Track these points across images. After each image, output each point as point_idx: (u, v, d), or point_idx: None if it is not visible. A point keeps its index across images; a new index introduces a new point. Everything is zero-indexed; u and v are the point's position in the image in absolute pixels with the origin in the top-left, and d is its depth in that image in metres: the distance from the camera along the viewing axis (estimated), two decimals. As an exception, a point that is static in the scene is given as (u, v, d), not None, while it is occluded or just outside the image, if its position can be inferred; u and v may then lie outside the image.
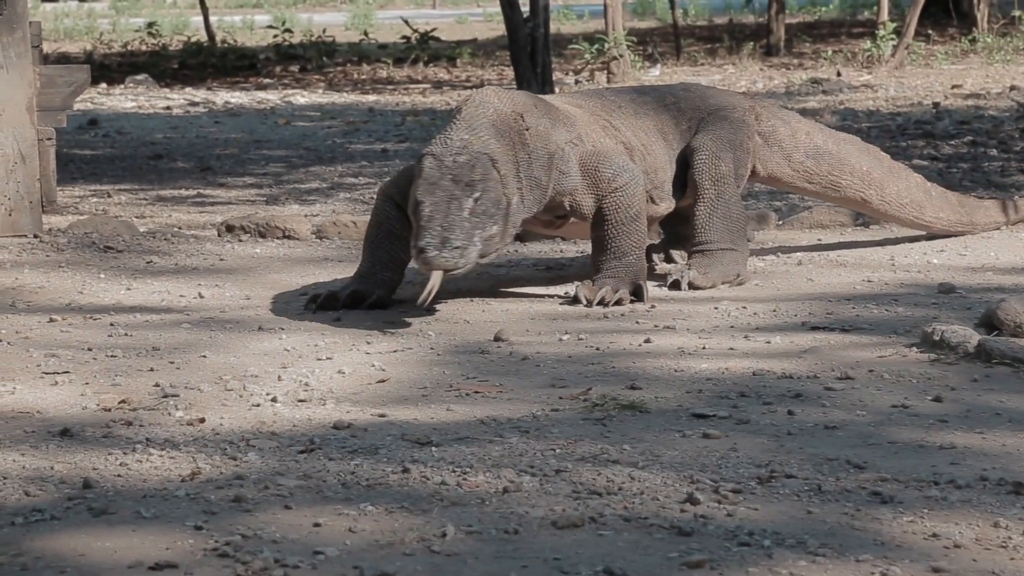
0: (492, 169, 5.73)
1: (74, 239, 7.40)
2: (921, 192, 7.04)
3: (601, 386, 4.80)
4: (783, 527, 3.53)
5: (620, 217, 6.04)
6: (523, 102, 6.06)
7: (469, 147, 5.73)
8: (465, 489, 3.81)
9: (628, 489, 3.80)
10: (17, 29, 7.40)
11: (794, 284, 6.42)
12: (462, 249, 5.53)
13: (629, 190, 6.04)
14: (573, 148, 6.07)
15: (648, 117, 6.55)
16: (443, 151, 5.73)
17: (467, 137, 5.77)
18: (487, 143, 5.77)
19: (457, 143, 5.75)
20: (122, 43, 23.66)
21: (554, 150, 6.01)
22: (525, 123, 5.94)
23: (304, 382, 4.89)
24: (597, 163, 6.06)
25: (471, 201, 5.62)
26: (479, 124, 5.82)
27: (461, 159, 5.69)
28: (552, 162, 5.99)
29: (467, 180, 5.65)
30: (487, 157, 5.73)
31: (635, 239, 6.06)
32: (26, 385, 4.89)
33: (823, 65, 17.68)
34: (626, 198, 6.04)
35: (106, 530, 3.53)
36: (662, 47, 20.40)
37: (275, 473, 3.94)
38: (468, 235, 5.57)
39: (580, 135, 6.15)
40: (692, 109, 6.65)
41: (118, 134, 12.94)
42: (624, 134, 6.38)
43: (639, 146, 6.40)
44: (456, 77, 18.43)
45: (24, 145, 7.44)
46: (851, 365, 5.02)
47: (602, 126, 6.34)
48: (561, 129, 6.08)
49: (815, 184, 6.85)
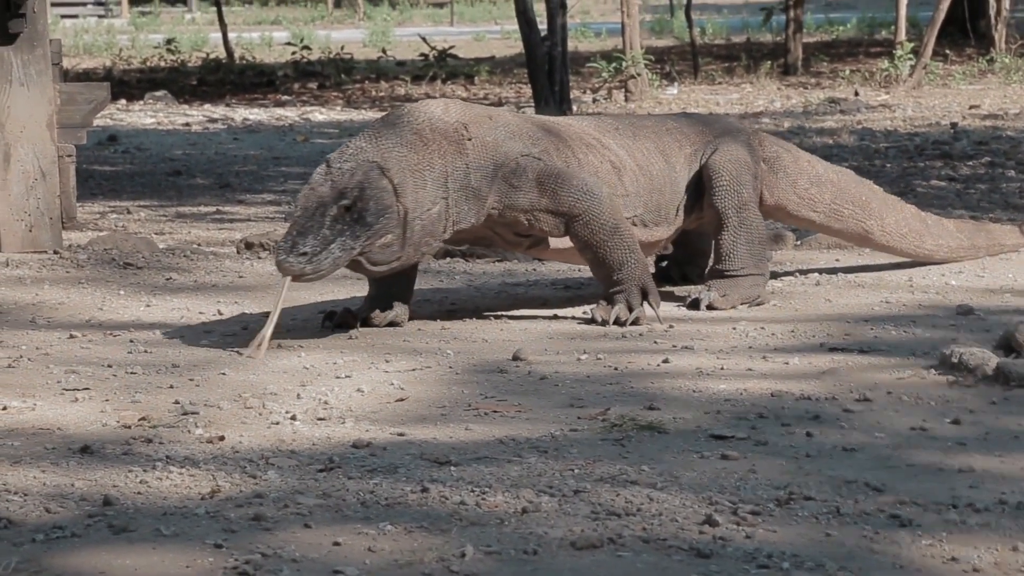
0: (381, 178, 5.65)
1: (94, 255, 7.43)
2: (918, 221, 6.99)
3: (619, 406, 4.80)
4: (802, 550, 3.53)
5: (599, 237, 5.97)
6: (474, 114, 6.00)
7: (359, 155, 5.69)
8: (484, 509, 3.82)
9: (647, 510, 3.81)
10: (38, 47, 7.44)
11: (812, 305, 6.42)
12: (311, 256, 5.50)
13: (594, 210, 5.94)
14: (531, 162, 5.96)
15: (648, 139, 6.48)
16: (335, 158, 5.72)
17: (364, 145, 5.73)
18: (387, 151, 5.71)
19: (351, 150, 5.72)
20: (141, 59, 23.73)
21: (502, 161, 5.92)
22: (468, 133, 5.89)
23: (323, 400, 4.91)
24: (556, 186, 5.93)
25: (336, 208, 5.56)
26: (388, 133, 5.78)
27: (346, 166, 5.65)
28: (497, 173, 5.91)
29: (342, 187, 5.60)
30: (374, 165, 5.66)
31: (623, 247, 5.98)
32: (47, 401, 4.91)
33: (841, 84, 17.69)
34: (596, 218, 5.94)
35: (126, 548, 3.55)
36: (679, 65, 20.41)
37: (295, 491, 3.95)
38: (323, 242, 5.52)
39: (546, 150, 6.05)
40: (696, 133, 6.58)
41: (137, 150, 12.98)
42: (615, 153, 6.31)
43: (632, 166, 6.32)
44: (474, 95, 18.46)
45: (44, 162, 7.47)
46: (869, 387, 5.02)
47: (588, 143, 6.26)
48: (518, 142, 5.99)
49: (818, 213, 6.73)
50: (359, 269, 5.81)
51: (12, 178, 7.45)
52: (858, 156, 11.71)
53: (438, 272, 7.18)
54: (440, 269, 7.25)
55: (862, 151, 12.02)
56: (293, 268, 5.51)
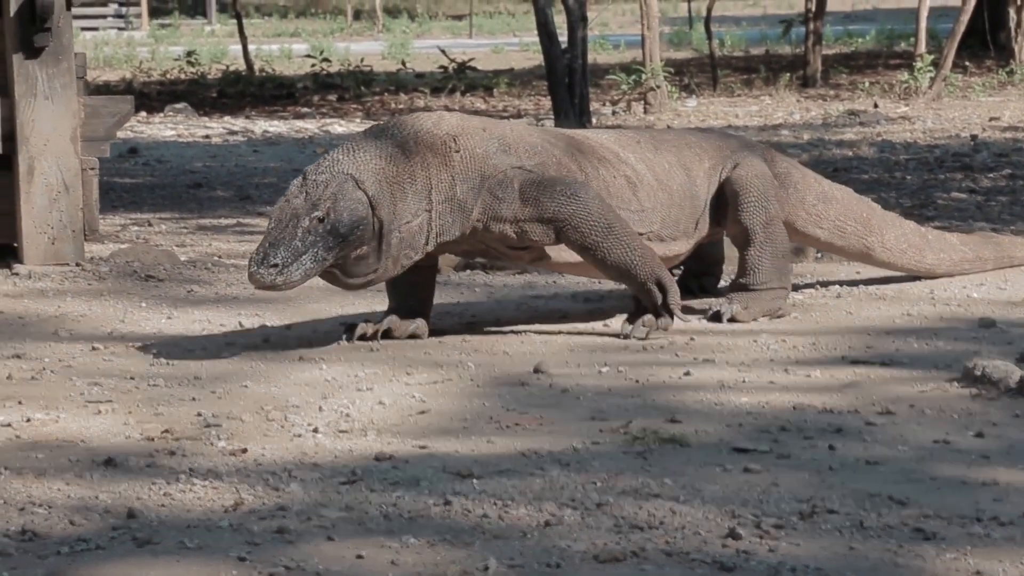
0: (354, 190, 5.61)
1: (116, 268, 7.46)
2: (917, 236, 6.95)
3: (641, 419, 4.80)
4: (826, 563, 3.53)
5: (592, 239, 5.87)
6: (467, 126, 5.93)
7: (335, 166, 5.65)
8: (507, 522, 3.82)
9: (670, 523, 3.81)
10: (62, 60, 7.47)
11: (833, 317, 6.41)
12: (281, 267, 5.47)
13: (581, 212, 5.83)
14: (517, 173, 5.90)
15: (669, 152, 6.43)
16: (312, 169, 5.71)
17: (341, 157, 5.70)
18: (364, 164, 5.67)
19: (327, 162, 5.70)
20: (161, 72, 23.79)
21: (490, 173, 5.87)
22: (456, 145, 5.85)
23: (345, 413, 4.91)
24: (538, 193, 5.85)
25: (308, 220, 5.52)
26: (369, 144, 5.76)
27: (320, 178, 5.62)
28: (483, 185, 5.86)
29: (315, 199, 5.57)
30: (349, 177, 5.63)
31: (622, 245, 5.88)
32: (70, 414, 4.93)
33: (860, 97, 17.66)
34: (584, 220, 5.84)
35: (150, 560, 3.56)
36: (699, 78, 20.41)
37: (317, 504, 3.96)
38: (294, 254, 5.49)
39: (543, 164, 5.97)
40: (715, 148, 6.54)
41: (158, 163, 13.01)
42: (633, 167, 6.25)
43: (651, 181, 6.26)
44: (493, 107, 18.47)
45: (68, 175, 7.50)
46: (892, 400, 5.01)
47: (601, 157, 6.20)
48: (511, 155, 5.93)
49: (824, 230, 6.69)
50: (335, 281, 5.80)
51: (35, 191, 7.47)
52: (878, 168, 11.70)
53: (459, 285, 7.19)
54: (461, 282, 7.26)
55: (882, 163, 12.01)
56: (264, 279, 5.50)
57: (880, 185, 10.82)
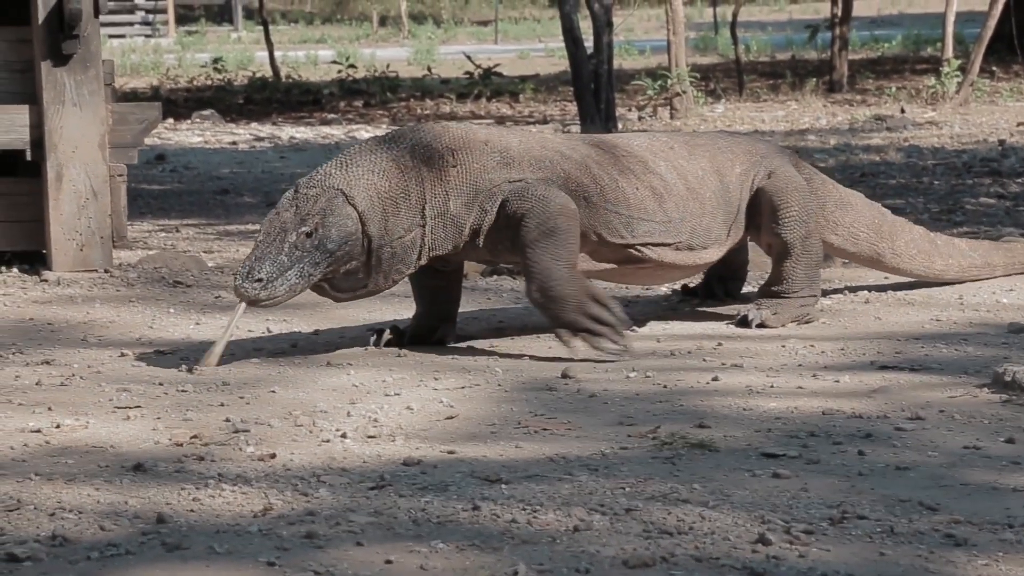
0: (344, 205, 5.58)
1: (144, 274, 7.48)
2: (926, 242, 6.91)
3: (669, 424, 4.80)
4: (856, 569, 3.52)
5: (531, 236, 5.70)
6: (469, 140, 5.83)
7: (327, 180, 5.62)
8: (535, 527, 3.82)
9: (699, 529, 3.80)
10: (90, 67, 7.50)
11: (862, 323, 6.39)
12: (266, 282, 5.47)
13: (536, 209, 5.70)
14: (508, 187, 5.77)
15: (703, 158, 6.33)
16: (304, 182, 5.66)
17: (333, 171, 5.65)
18: (355, 179, 5.63)
19: (319, 176, 5.66)
20: (188, 78, 23.88)
21: (485, 188, 5.78)
22: (454, 160, 5.77)
23: (373, 418, 4.92)
24: (512, 197, 5.74)
25: (296, 235, 5.50)
26: (362, 159, 5.70)
27: (311, 192, 5.59)
28: (476, 200, 5.78)
29: (304, 213, 5.54)
30: (338, 192, 5.58)
31: (557, 253, 5.68)
32: (99, 419, 4.94)
33: (887, 102, 17.62)
34: (535, 216, 5.69)
35: (180, 565, 3.56)
36: (724, 83, 20.39)
37: (346, 509, 3.96)
38: (280, 268, 5.48)
39: (546, 178, 5.84)
40: (745, 152, 6.46)
41: (185, 169, 13.05)
42: (661, 177, 6.12)
43: (681, 191, 6.14)
44: (519, 112, 18.48)
45: (96, 181, 7.52)
46: (921, 405, 4.99)
47: (625, 168, 6.07)
48: (512, 170, 5.81)
49: (838, 236, 6.65)
50: (324, 294, 5.78)
51: (64, 198, 7.50)
52: (906, 173, 11.67)
53: (486, 290, 7.19)
54: (488, 287, 7.26)
55: (909, 168, 11.97)
56: (248, 294, 5.49)
57: (908, 190, 10.79)
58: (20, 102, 7.56)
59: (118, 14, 37.96)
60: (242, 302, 5.56)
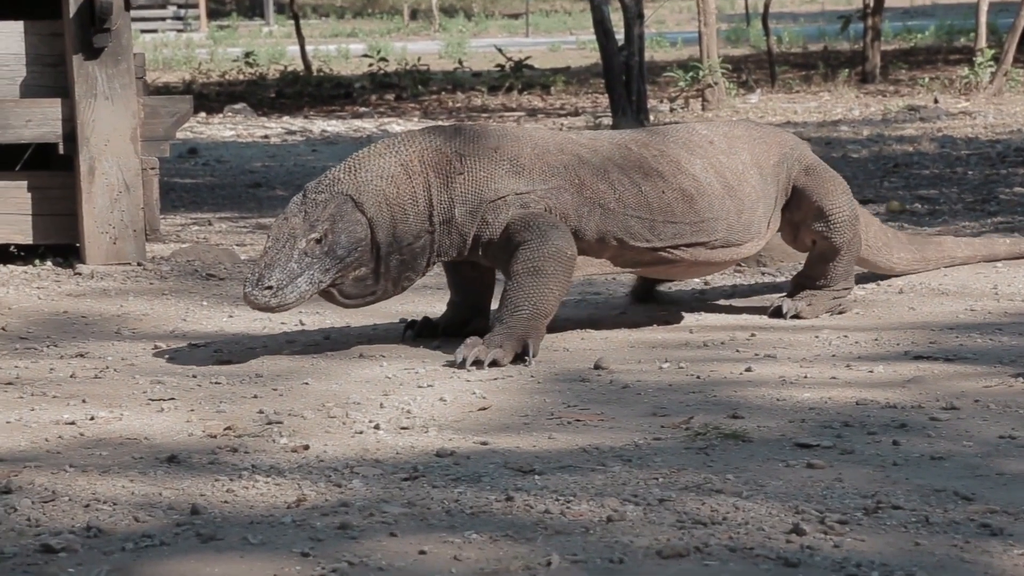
0: (353, 211, 5.54)
1: (177, 267, 7.50)
2: (887, 234, 6.88)
3: (703, 415, 4.78)
4: (891, 559, 3.50)
5: (517, 269, 5.62)
6: (479, 145, 5.75)
7: (335, 186, 5.57)
8: (569, 518, 3.81)
9: (733, 519, 3.79)
10: (122, 61, 7.52)
11: (896, 313, 6.37)
12: (276, 289, 5.42)
13: (531, 245, 5.61)
14: (516, 203, 5.70)
15: (743, 151, 6.23)
16: (313, 187, 5.62)
17: (341, 176, 5.61)
18: (364, 184, 5.58)
19: (327, 181, 5.61)
20: (220, 73, 23.93)
21: (490, 198, 5.70)
22: (461, 167, 5.70)
23: (406, 409, 4.92)
24: (519, 222, 5.66)
25: (305, 241, 5.46)
26: (371, 164, 5.64)
27: (320, 197, 5.55)
28: (480, 208, 5.70)
29: (313, 219, 5.50)
30: (347, 198, 5.55)
31: (529, 294, 5.60)
32: (133, 412, 4.96)
33: (920, 92, 17.55)
34: (526, 252, 5.61)
35: (214, 556, 3.57)
36: (756, 74, 20.33)
37: (380, 500, 3.96)
38: (290, 275, 5.43)
39: (558, 187, 5.75)
40: (776, 144, 6.37)
41: (217, 163, 13.08)
42: (695, 178, 5.99)
43: (716, 189, 6.02)
44: (550, 105, 18.46)
45: (128, 175, 7.54)
46: (956, 395, 4.97)
47: (649, 170, 5.94)
48: (520, 179, 5.74)
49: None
50: (332, 300, 5.71)
51: (97, 191, 7.52)
52: (939, 164, 11.62)
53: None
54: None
55: (943, 158, 11.91)
56: (258, 301, 5.45)
57: (941, 180, 10.74)
58: (52, 96, 7.59)
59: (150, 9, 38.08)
60: (252, 309, 5.55)
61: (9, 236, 7.66)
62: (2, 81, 7.62)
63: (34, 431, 4.72)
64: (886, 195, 10.08)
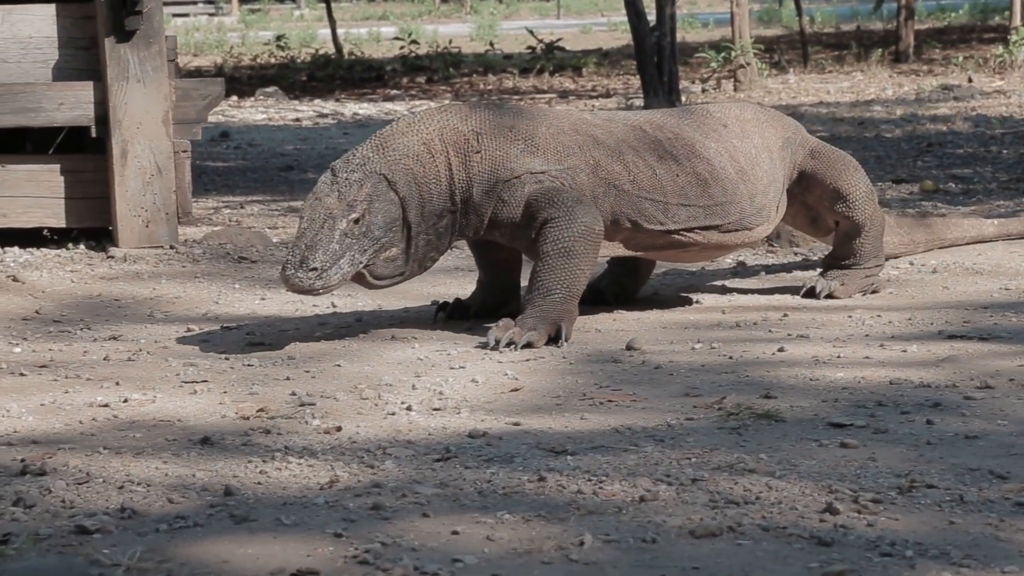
0: (387, 191, 5.49)
1: (209, 250, 7.51)
2: None
3: (735, 395, 4.77)
4: (925, 538, 3.49)
5: (547, 249, 5.58)
6: (493, 124, 5.71)
7: (366, 165, 5.50)
8: (602, 498, 3.81)
9: (766, 498, 3.78)
10: (153, 43, 7.53)
11: (929, 292, 6.34)
12: (320, 271, 5.34)
13: (559, 223, 5.58)
14: (532, 181, 5.65)
15: (754, 135, 6.18)
16: (341, 166, 5.54)
17: (370, 154, 5.54)
18: (394, 163, 5.53)
19: (357, 159, 5.54)
20: (251, 56, 23.97)
21: (506, 177, 5.65)
22: (478, 146, 5.66)
23: (438, 391, 4.92)
24: (540, 197, 5.63)
25: (346, 222, 5.39)
26: (398, 142, 5.59)
27: (353, 177, 5.48)
28: (496, 188, 5.65)
29: (350, 199, 5.43)
30: (381, 177, 5.49)
31: (560, 276, 5.58)
32: (166, 394, 4.97)
33: (954, 71, 17.45)
34: (554, 231, 5.58)
35: (248, 537, 3.57)
36: (789, 55, 20.25)
37: (412, 481, 3.97)
38: (333, 257, 5.36)
39: (574, 167, 5.72)
40: (781, 127, 6.31)
41: (249, 146, 13.10)
42: (709, 162, 5.94)
43: (730, 173, 5.98)
44: (582, 87, 18.43)
45: (160, 158, 7.56)
46: (991, 374, 4.94)
47: (664, 153, 5.91)
48: (536, 158, 5.69)
49: None
50: (362, 282, 5.63)
51: (129, 174, 7.54)
52: (973, 143, 11.56)
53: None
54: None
55: (977, 137, 11.85)
56: (303, 284, 5.36)
57: (975, 159, 10.69)
58: (84, 79, 7.61)
59: (182, -7, 38.15)
60: (293, 292, 5.47)
61: (42, 220, 7.69)
62: (35, 64, 7.64)
63: (68, 413, 4.74)
64: (919, 175, 10.03)
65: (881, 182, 9.69)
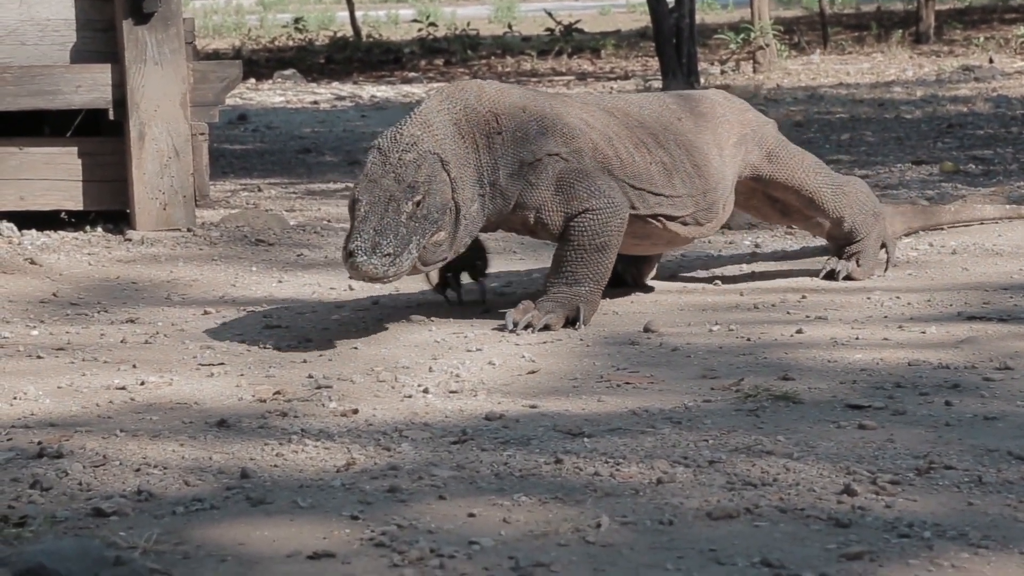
0: (441, 171, 5.29)
1: (226, 232, 7.51)
2: None
3: (753, 377, 4.75)
4: (943, 519, 3.47)
5: (583, 242, 5.49)
6: (506, 104, 5.57)
7: (418, 144, 5.27)
8: (618, 480, 3.80)
9: (783, 480, 3.76)
10: (171, 26, 7.52)
11: (948, 274, 6.31)
12: (393, 256, 5.10)
13: (601, 216, 5.49)
14: (555, 162, 5.55)
15: (707, 131, 6.06)
16: (390, 146, 5.28)
17: (418, 133, 5.31)
18: (441, 142, 5.34)
19: (406, 139, 5.29)
20: (269, 39, 23.97)
21: (529, 160, 5.52)
22: (499, 126, 5.52)
23: (455, 373, 4.91)
24: (574, 180, 5.51)
25: (411, 205, 5.17)
26: (437, 120, 5.38)
27: (407, 157, 5.24)
28: (522, 171, 5.53)
29: (410, 181, 5.20)
30: (436, 157, 5.29)
31: (593, 269, 5.50)
32: (183, 376, 4.97)
33: (975, 52, 17.38)
34: (595, 223, 5.48)
35: (264, 519, 3.57)
36: (808, 36, 20.18)
37: (429, 464, 3.96)
38: (403, 242, 5.13)
39: (578, 150, 5.63)
40: (738, 123, 6.18)
41: (267, 129, 13.10)
42: (671, 154, 5.87)
43: (688, 167, 5.91)
44: (600, 69, 18.39)
45: (178, 140, 7.55)
46: (1010, 355, 4.92)
47: (639, 141, 5.84)
48: (549, 139, 5.58)
49: None
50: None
51: (146, 157, 7.54)
52: (994, 124, 11.50)
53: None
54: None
55: (998, 119, 11.80)
56: (376, 271, 5.10)
57: (996, 140, 10.64)
58: (102, 61, 7.60)
59: (200, -23, 38.10)
60: (360, 280, 5.20)
61: (60, 202, 7.69)
62: (53, 47, 7.64)
63: (85, 396, 4.74)
64: (940, 156, 9.99)
65: (901, 163, 9.65)
